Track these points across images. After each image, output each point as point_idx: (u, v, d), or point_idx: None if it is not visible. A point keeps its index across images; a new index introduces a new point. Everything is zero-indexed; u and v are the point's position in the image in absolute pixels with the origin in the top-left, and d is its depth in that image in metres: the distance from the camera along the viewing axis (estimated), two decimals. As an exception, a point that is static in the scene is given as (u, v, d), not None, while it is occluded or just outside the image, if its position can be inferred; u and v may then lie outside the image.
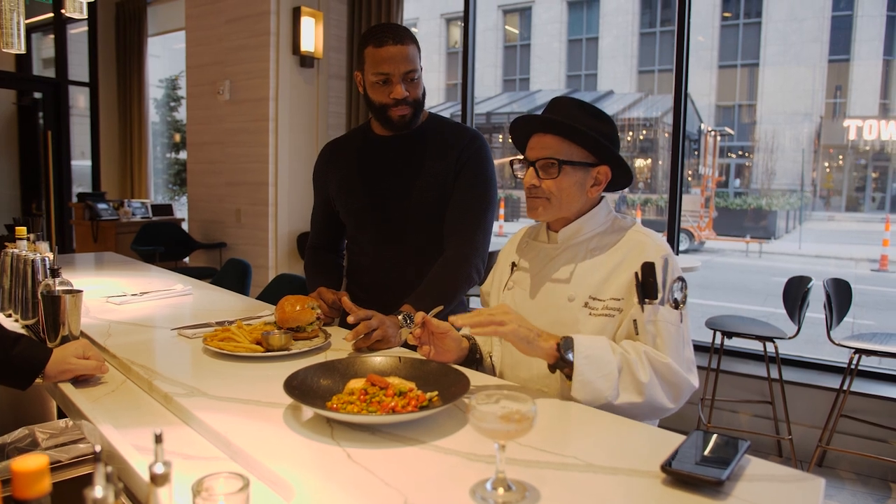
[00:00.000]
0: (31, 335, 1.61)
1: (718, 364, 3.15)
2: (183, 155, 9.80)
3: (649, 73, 20.74)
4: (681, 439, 0.97)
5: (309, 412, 1.08)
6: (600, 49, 21.28)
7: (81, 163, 6.91)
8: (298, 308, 1.52)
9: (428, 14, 22.67)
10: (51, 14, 6.77)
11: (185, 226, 5.50)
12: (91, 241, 5.52)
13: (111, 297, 2.04)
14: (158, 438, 0.59)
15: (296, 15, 4.46)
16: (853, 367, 2.79)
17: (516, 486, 0.83)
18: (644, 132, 18.37)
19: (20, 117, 7.28)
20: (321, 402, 1.08)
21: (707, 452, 0.93)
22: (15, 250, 1.81)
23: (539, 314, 1.34)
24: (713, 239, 13.53)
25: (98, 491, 0.53)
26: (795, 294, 2.96)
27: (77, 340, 1.39)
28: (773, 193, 17.23)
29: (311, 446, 0.98)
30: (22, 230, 1.84)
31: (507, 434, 0.81)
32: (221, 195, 4.87)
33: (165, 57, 10.15)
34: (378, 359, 1.27)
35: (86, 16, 2.70)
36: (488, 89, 22.06)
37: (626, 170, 1.33)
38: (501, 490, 0.82)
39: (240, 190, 4.72)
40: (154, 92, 8.70)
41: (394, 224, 1.77)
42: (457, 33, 22.48)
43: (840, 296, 2.95)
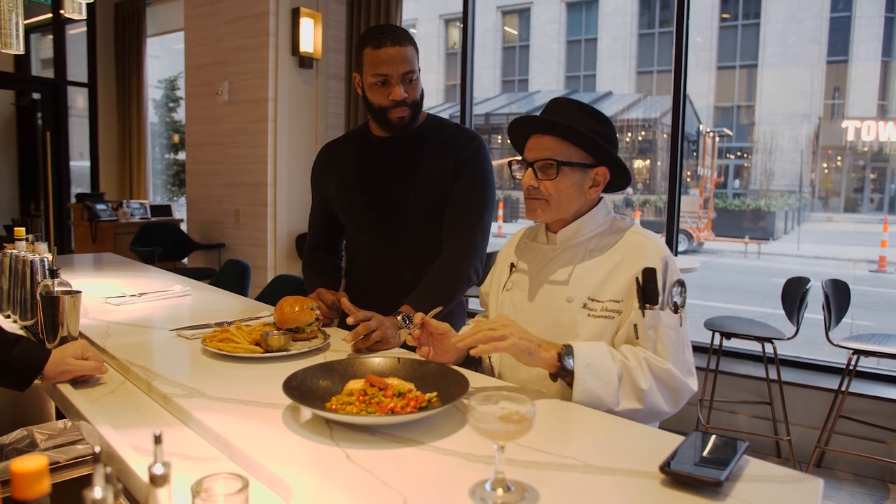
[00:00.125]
0: (30, 336, 1.61)
1: (717, 365, 3.15)
2: (182, 155, 9.80)
3: (648, 74, 20.73)
4: (679, 440, 0.97)
5: (308, 413, 1.08)
6: (599, 50, 21.28)
7: (80, 163, 6.90)
8: (297, 309, 1.52)
9: (427, 15, 22.66)
10: (49, 14, 6.76)
11: (184, 226, 5.50)
12: (90, 242, 5.51)
13: (110, 298, 2.04)
14: (157, 439, 0.59)
15: (295, 16, 4.46)
16: (852, 368, 2.79)
17: (515, 487, 0.84)
18: (643, 133, 18.36)
19: (19, 118, 7.27)
20: (320, 403, 1.08)
21: (706, 453, 0.93)
22: (14, 251, 1.80)
23: (538, 315, 1.34)
24: (712, 240, 13.52)
25: (97, 492, 0.53)
26: (794, 295, 2.97)
27: (76, 341, 1.39)
28: (772, 194, 17.22)
29: (311, 447, 0.98)
30: (20, 231, 1.84)
31: (506, 435, 0.81)
32: (220, 196, 4.87)
33: (164, 57, 10.14)
34: (377, 360, 1.27)
35: (84, 16, 2.69)
36: (487, 90, 22.04)
37: (625, 171, 1.33)
38: (500, 491, 0.82)
39: (238, 191, 4.72)
40: (153, 92, 8.68)
41: (392, 225, 1.77)
42: (455, 34, 22.48)
43: (838, 297, 2.96)
